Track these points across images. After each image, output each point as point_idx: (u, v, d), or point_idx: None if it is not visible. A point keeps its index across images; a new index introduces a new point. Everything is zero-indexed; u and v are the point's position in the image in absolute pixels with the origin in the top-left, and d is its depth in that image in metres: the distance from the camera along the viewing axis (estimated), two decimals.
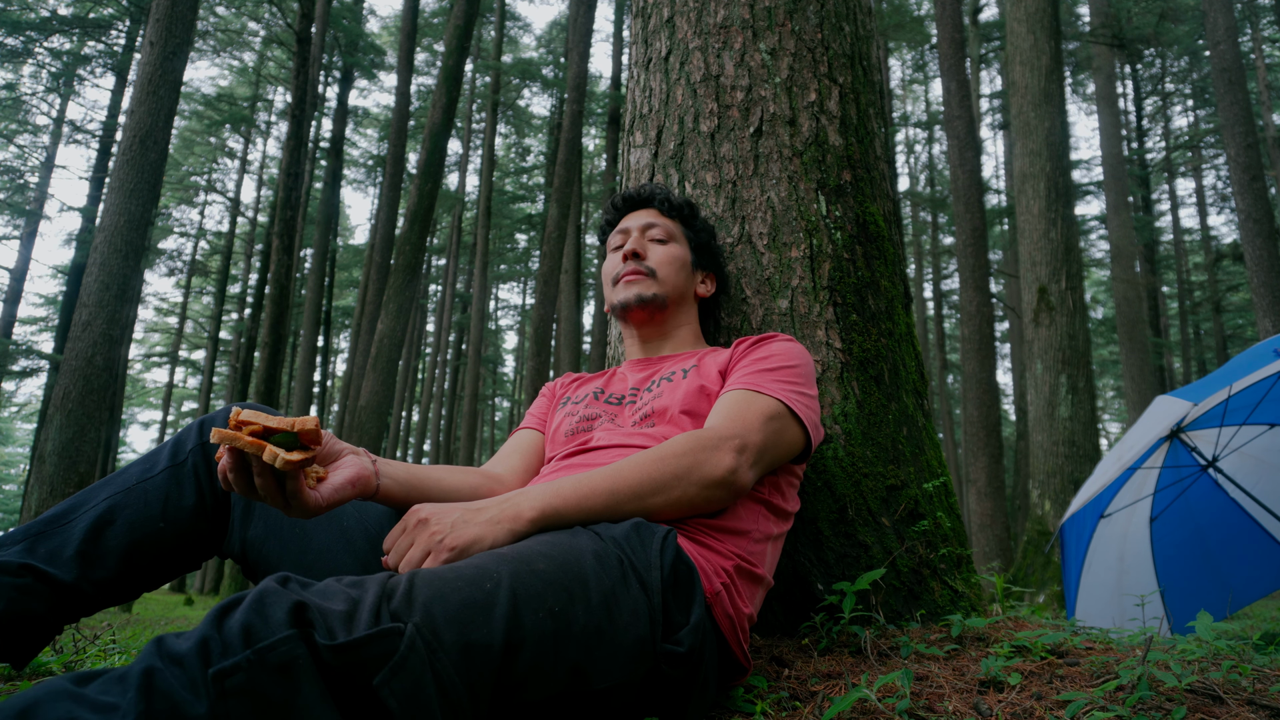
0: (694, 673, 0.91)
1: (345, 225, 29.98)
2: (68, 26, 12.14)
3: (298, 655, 0.59)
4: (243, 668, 0.57)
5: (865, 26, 1.87)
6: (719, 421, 1.12)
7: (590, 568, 0.83)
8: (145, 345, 26.34)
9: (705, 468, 1.03)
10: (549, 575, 0.79)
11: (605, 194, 16.04)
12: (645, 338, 1.46)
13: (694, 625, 0.90)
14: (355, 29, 17.35)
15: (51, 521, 1.00)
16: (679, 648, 0.88)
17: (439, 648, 0.66)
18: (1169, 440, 2.98)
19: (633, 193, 1.52)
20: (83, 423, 5.79)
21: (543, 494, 0.95)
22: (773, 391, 1.16)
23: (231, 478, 0.90)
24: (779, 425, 1.14)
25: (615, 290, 1.44)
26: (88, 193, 12.93)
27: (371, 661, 0.62)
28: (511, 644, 0.71)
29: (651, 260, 1.43)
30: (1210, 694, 0.95)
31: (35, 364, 11.84)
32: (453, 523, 0.89)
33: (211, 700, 0.56)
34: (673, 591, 0.91)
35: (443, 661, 0.66)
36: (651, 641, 0.85)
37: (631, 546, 0.91)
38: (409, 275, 9.31)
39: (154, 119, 6.35)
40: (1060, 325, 6.21)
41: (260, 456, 0.86)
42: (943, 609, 1.46)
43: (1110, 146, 13.89)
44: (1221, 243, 19.29)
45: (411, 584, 0.70)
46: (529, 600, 0.75)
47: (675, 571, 0.92)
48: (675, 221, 1.50)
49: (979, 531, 9.02)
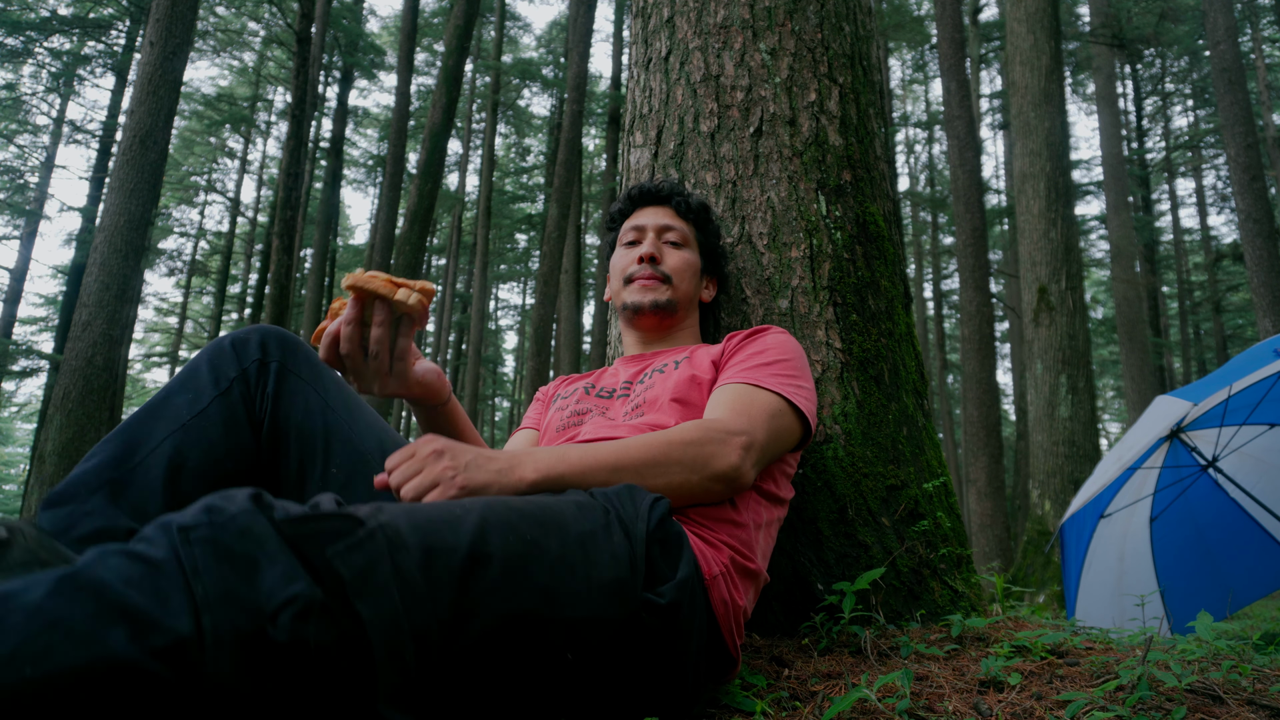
0: (676, 635, 0.90)
1: (345, 225, 29.97)
2: (68, 26, 12.14)
3: (256, 522, 0.59)
4: (205, 524, 0.57)
5: (865, 26, 1.87)
6: (725, 414, 1.12)
7: (570, 513, 0.84)
8: (145, 345, 26.33)
9: (712, 461, 1.04)
10: (525, 510, 0.80)
11: (605, 194, 16.04)
12: (647, 340, 1.47)
13: (679, 581, 0.90)
14: (355, 29, 17.35)
15: (118, 462, 0.92)
16: (660, 599, 0.88)
17: (401, 546, 0.66)
18: (1169, 440, 2.98)
19: (651, 187, 1.51)
20: (83, 423, 5.79)
21: (548, 457, 0.97)
22: (774, 386, 1.17)
23: (347, 331, 0.97)
24: (782, 423, 1.15)
25: (628, 291, 1.44)
26: (88, 193, 12.93)
27: (326, 535, 0.61)
28: (476, 555, 0.71)
29: (667, 265, 1.44)
30: (1210, 694, 0.95)
31: (35, 364, 11.83)
32: (466, 463, 0.91)
33: (175, 544, 0.56)
34: (660, 546, 0.91)
35: (403, 557, 0.65)
36: (632, 586, 0.85)
37: (621, 501, 0.92)
38: (409, 275, 9.31)
39: (154, 119, 6.35)
40: (1060, 325, 6.21)
41: (392, 299, 0.95)
42: (943, 609, 1.46)
43: (1110, 146, 13.89)
44: (1221, 243, 19.29)
45: (379, 506, 0.70)
46: (499, 526, 0.75)
47: (663, 529, 0.93)
48: (690, 224, 1.50)
49: (979, 531, 9.01)
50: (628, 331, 1.50)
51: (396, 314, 1.00)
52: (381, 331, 1.00)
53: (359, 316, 0.99)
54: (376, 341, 0.99)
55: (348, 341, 1.00)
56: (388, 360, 1.02)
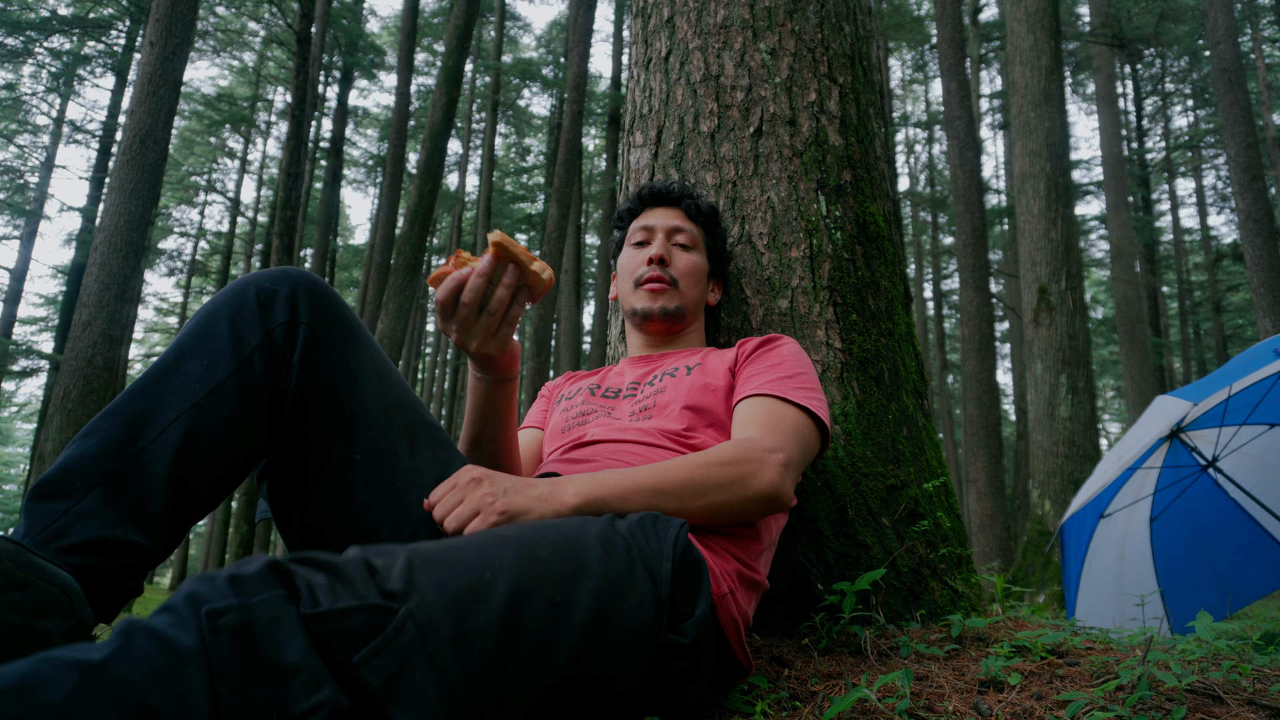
0: (694, 665, 0.90)
1: (345, 225, 29.96)
2: (68, 26, 12.13)
3: (284, 613, 0.57)
4: (235, 609, 0.56)
5: (865, 26, 1.87)
6: (758, 432, 1.12)
7: (595, 556, 0.82)
8: (145, 345, 26.32)
9: (752, 481, 1.03)
10: (552, 565, 0.78)
11: (605, 194, 16.03)
12: (654, 343, 1.47)
13: (699, 618, 0.90)
14: (355, 29, 17.35)
15: (120, 448, 0.83)
16: (683, 639, 0.87)
17: (434, 633, 0.64)
18: (1169, 440, 2.98)
19: (663, 188, 1.51)
20: (82, 422, 5.78)
21: (589, 482, 0.97)
22: (801, 400, 1.17)
23: (477, 284, 0.99)
24: (809, 439, 1.16)
25: (637, 295, 1.43)
26: (88, 193, 12.92)
27: (353, 635, 0.60)
28: (510, 633, 0.70)
29: (676, 269, 1.43)
30: (1210, 694, 0.95)
31: (35, 364, 11.83)
32: (505, 489, 0.91)
33: (203, 631, 0.54)
34: (680, 583, 0.90)
35: (437, 647, 0.64)
36: (656, 631, 0.84)
37: (646, 536, 0.90)
38: (409, 275, 9.31)
39: (154, 119, 6.35)
40: (1060, 325, 6.21)
41: (528, 267, 1.00)
42: (943, 609, 1.46)
43: (1110, 146, 13.89)
44: (1221, 243, 19.28)
45: (411, 563, 0.68)
46: (530, 591, 0.73)
47: (685, 563, 0.92)
48: (700, 227, 1.49)
49: (979, 531, 9.01)
50: (634, 334, 1.50)
51: (522, 282, 1.03)
52: (505, 294, 1.01)
53: (491, 273, 1.01)
54: (498, 301, 1.01)
55: (473, 292, 1.00)
56: (498, 323, 1.04)
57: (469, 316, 1.02)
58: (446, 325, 1.05)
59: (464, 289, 1.01)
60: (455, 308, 1.03)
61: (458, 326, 1.04)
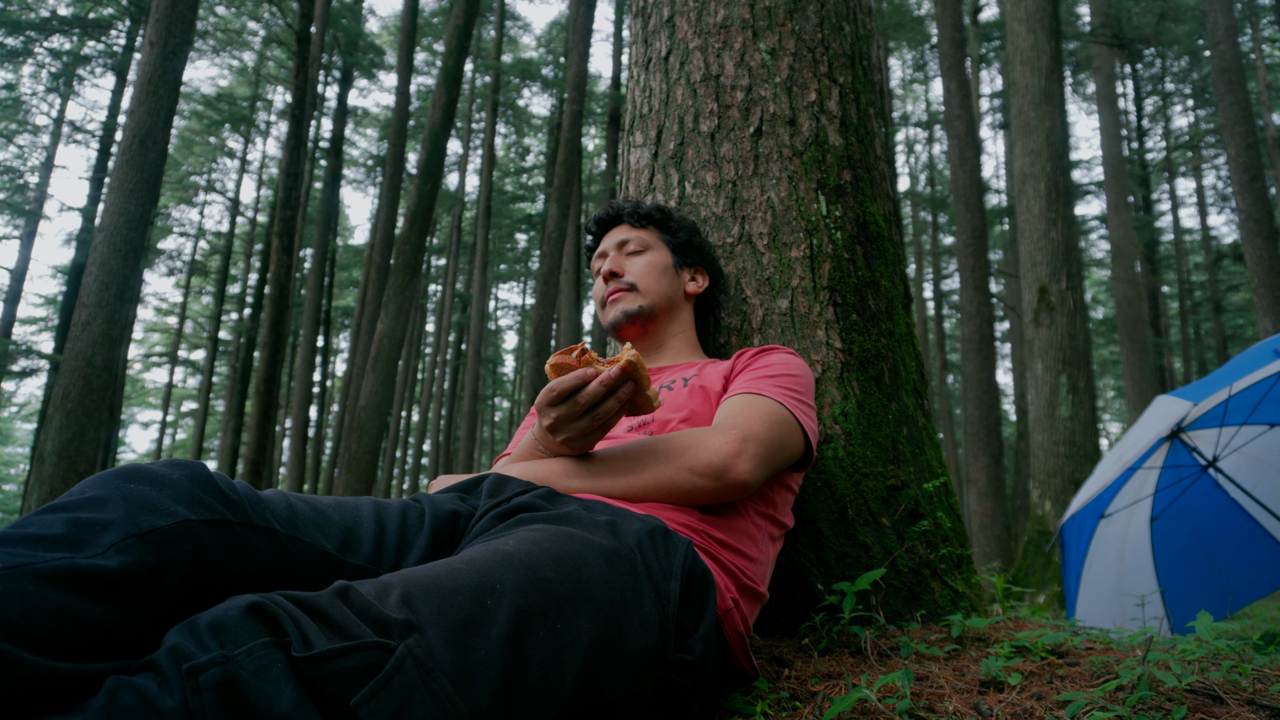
0: (700, 679, 0.90)
1: (345, 225, 29.95)
2: (68, 26, 12.13)
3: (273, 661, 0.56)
4: (218, 663, 0.54)
5: (865, 26, 1.87)
6: (720, 419, 1.13)
7: (598, 572, 0.80)
8: (145, 345, 26.33)
9: (697, 452, 1.05)
10: (554, 587, 0.75)
11: (605, 194, 16.04)
12: (641, 351, 1.48)
13: (703, 633, 0.90)
14: (355, 29, 17.34)
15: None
16: (689, 656, 0.87)
17: (435, 668, 0.62)
18: (1169, 440, 2.98)
19: (602, 214, 1.55)
20: (83, 423, 5.78)
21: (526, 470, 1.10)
22: (774, 395, 1.17)
23: (598, 391, 1.00)
24: (783, 429, 1.14)
25: (605, 312, 1.47)
26: (88, 193, 12.91)
27: (349, 676, 0.58)
28: (513, 663, 0.68)
29: (630, 275, 1.45)
30: (1210, 694, 0.95)
31: (35, 364, 11.82)
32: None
33: (185, 691, 0.53)
34: (686, 600, 0.90)
35: (439, 683, 0.62)
36: (662, 653, 0.84)
37: (656, 552, 0.89)
38: (409, 275, 9.31)
39: (154, 119, 6.35)
40: (1060, 325, 6.21)
41: (647, 390, 1.03)
42: (943, 609, 1.46)
43: (1110, 146, 13.89)
44: (1221, 243, 19.28)
45: (407, 594, 0.66)
46: (532, 617, 0.71)
47: (691, 578, 0.92)
48: (648, 229, 1.50)
49: (979, 531, 9.01)
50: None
51: (630, 398, 1.04)
52: (616, 406, 1.02)
53: (614, 385, 1.01)
54: (605, 410, 1.02)
55: (590, 397, 1.00)
56: (595, 429, 1.04)
57: (574, 414, 1.03)
58: (547, 410, 1.04)
59: (582, 390, 1.02)
60: (565, 402, 1.03)
61: (558, 417, 1.04)
